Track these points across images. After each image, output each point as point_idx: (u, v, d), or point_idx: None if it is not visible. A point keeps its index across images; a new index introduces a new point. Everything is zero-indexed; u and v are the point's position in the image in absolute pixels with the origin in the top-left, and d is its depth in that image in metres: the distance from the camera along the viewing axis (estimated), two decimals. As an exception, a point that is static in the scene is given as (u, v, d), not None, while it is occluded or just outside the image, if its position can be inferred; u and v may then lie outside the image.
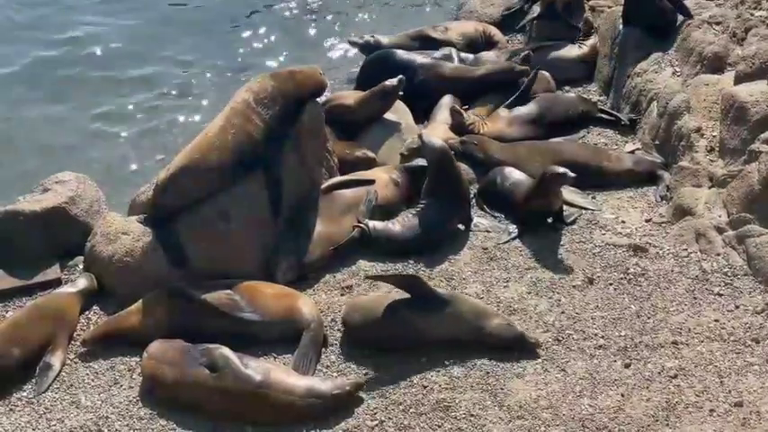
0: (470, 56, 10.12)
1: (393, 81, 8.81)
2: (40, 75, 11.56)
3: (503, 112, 9.14)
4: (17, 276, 7.30)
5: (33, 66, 11.78)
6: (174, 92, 11.23)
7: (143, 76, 11.58)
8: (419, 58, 9.80)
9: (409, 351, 6.34)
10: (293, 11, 13.14)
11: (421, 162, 7.94)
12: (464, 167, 8.11)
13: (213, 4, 13.41)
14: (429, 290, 6.43)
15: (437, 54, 9.96)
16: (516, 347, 6.31)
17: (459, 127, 8.82)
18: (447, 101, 9.09)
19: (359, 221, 7.46)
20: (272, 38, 12.43)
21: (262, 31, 12.59)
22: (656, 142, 8.48)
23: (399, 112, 9.06)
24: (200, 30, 12.68)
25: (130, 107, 10.91)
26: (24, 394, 6.34)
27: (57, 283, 7.25)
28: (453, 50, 10.07)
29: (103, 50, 12.17)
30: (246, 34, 12.53)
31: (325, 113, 8.16)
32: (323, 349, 6.50)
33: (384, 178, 7.95)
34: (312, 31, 12.52)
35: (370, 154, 8.49)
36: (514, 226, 7.65)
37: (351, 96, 9.22)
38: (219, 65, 11.76)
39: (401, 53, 9.90)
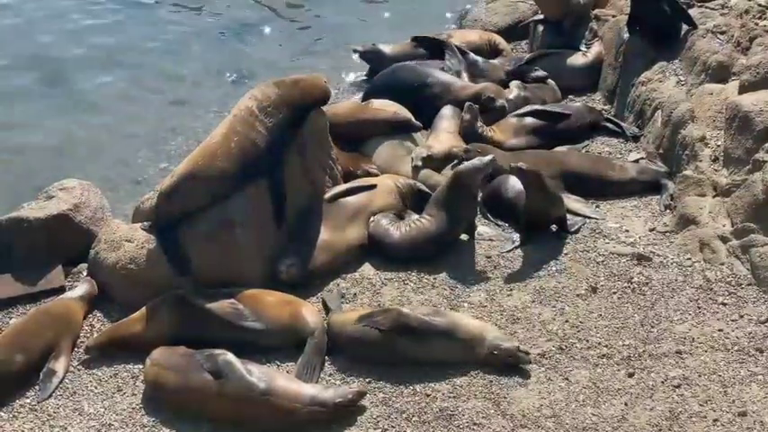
0: (479, 59, 10.13)
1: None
2: (38, 79, 11.58)
3: (511, 120, 9.14)
4: (21, 283, 7.30)
5: (34, 69, 11.80)
6: (178, 99, 11.23)
7: (146, 83, 11.59)
8: (434, 72, 9.65)
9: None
10: (297, 18, 13.17)
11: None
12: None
13: (217, 11, 13.44)
14: (416, 324, 6.32)
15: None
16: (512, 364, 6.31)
17: (469, 129, 8.77)
18: (448, 112, 9.06)
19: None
20: (277, 46, 12.46)
21: (266, 38, 12.62)
22: (661, 151, 8.47)
23: None
24: (205, 37, 12.71)
25: (135, 114, 10.90)
26: (27, 401, 6.34)
27: (61, 290, 7.26)
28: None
29: (107, 58, 12.18)
30: (251, 42, 12.55)
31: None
32: (326, 357, 6.50)
33: (389, 184, 7.95)
34: (316, 39, 12.53)
35: (374, 170, 8.38)
36: (518, 234, 7.64)
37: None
38: (223, 72, 11.76)
39: (415, 66, 9.79)
